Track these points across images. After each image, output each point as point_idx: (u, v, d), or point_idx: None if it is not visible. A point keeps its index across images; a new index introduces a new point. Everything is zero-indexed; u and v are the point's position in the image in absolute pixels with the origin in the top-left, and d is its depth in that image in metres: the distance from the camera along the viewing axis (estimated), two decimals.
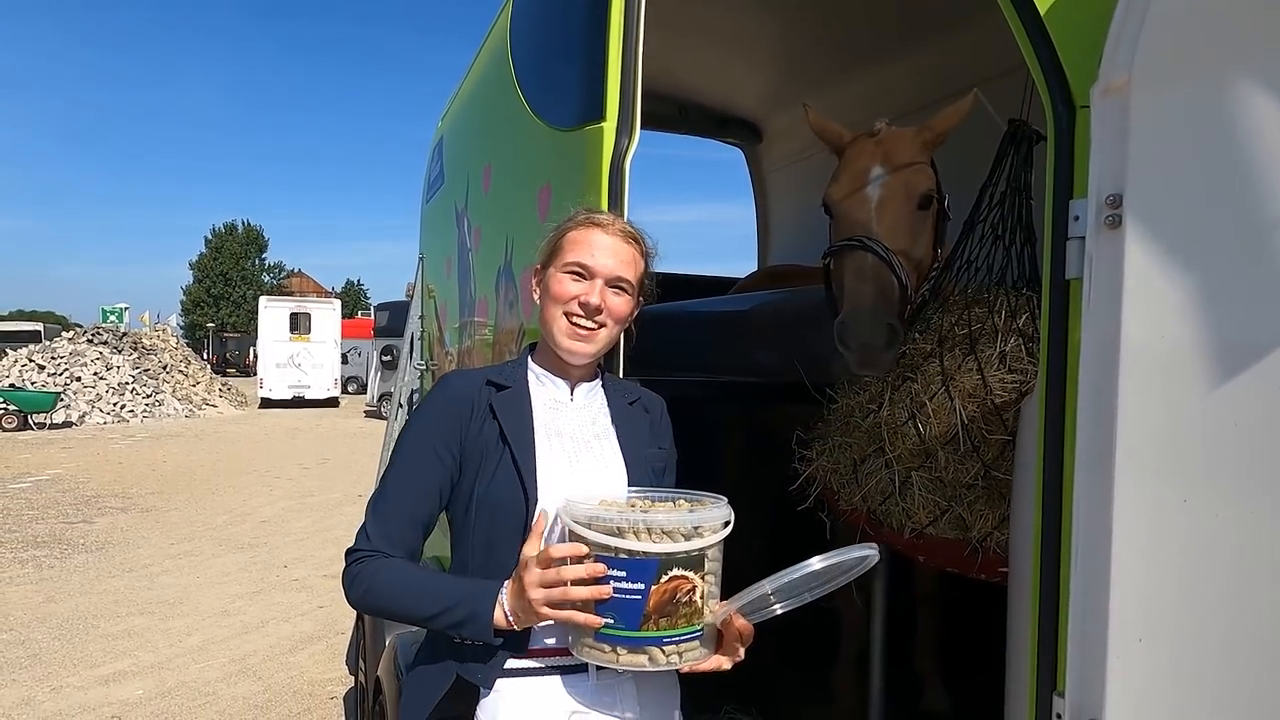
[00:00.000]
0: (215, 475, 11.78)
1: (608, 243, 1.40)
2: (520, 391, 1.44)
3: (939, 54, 3.41)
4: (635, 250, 1.44)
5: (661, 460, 1.50)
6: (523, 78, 2.54)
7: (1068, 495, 1.17)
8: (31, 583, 6.32)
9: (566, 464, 1.39)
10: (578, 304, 1.38)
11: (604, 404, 1.50)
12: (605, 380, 1.55)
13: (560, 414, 1.45)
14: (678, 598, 1.18)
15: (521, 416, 1.41)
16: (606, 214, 1.49)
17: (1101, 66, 1.06)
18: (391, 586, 1.31)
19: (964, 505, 1.91)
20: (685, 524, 1.19)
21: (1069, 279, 1.16)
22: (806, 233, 4.61)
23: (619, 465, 1.42)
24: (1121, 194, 1.04)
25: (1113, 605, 1.03)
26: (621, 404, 1.51)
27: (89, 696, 4.30)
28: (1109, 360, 1.05)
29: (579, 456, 1.41)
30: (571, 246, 1.41)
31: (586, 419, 1.47)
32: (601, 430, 1.46)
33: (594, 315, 1.38)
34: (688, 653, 1.23)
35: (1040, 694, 1.19)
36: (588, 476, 1.39)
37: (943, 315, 2.08)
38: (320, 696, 4.35)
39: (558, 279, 1.41)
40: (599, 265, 1.39)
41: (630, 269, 1.42)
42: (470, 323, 3.13)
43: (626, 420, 1.49)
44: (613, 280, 1.40)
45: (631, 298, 1.44)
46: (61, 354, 20.12)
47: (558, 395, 1.47)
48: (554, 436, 1.41)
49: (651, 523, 1.18)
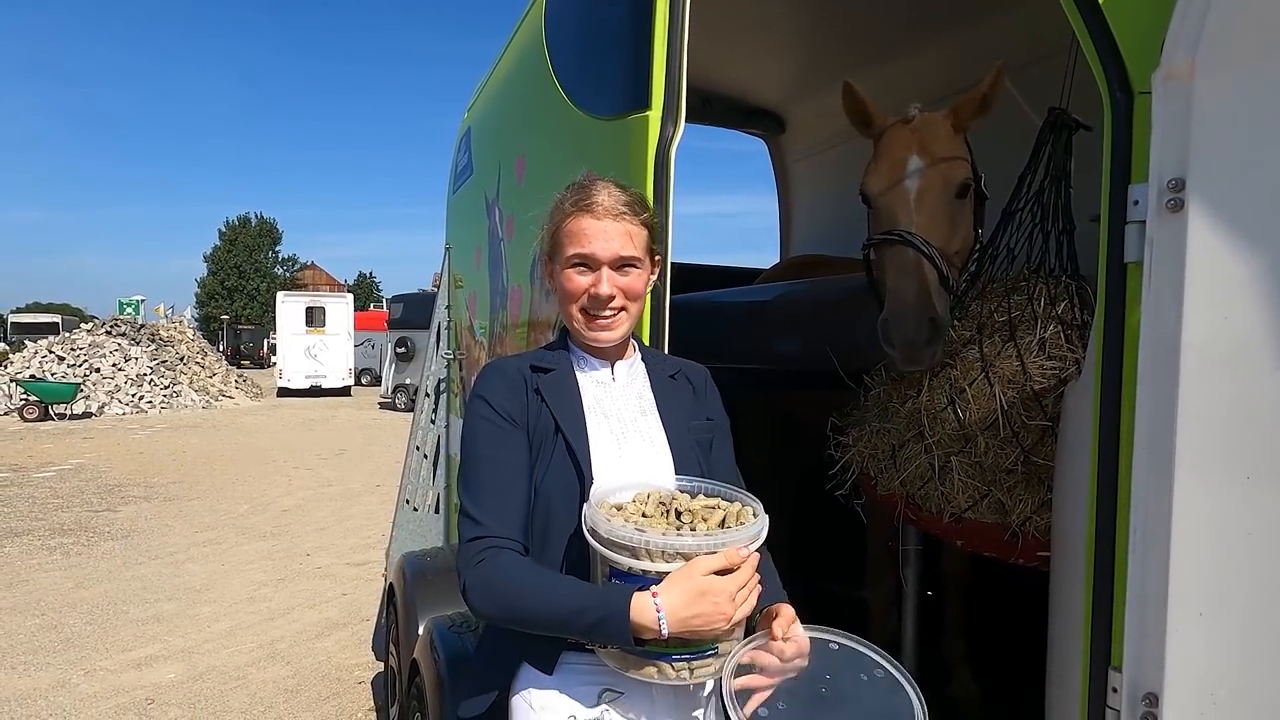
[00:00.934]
0: (235, 465, 11.89)
1: (601, 227, 1.38)
2: (565, 374, 1.45)
3: (967, 41, 3.41)
4: (630, 224, 1.40)
5: (709, 431, 1.49)
6: (559, 67, 2.56)
7: (1124, 478, 1.19)
8: (60, 569, 6.42)
9: (614, 445, 1.39)
10: (589, 298, 1.40)
11: (646, 380, 1.50)
12: (645, 354, 1.55)
13: (607, 393, 1.45)
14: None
15: (571, 400, 1.41)
16: (593, 191, 1.41)
17: (1164, 51, 1.07)
18: (520, 586, 1.26)
19: (1003, 490, 1.93)
20: (705, 547, 1.18)
21: (1127, 263, 1.18)
22: (830, 223, 4.62)
23: (664, 443, 1.42)
24: (1184, 178, 1.05)
25: (1173, 580, 1.05)
26: (663, 377, 1.51)
27: (122, 679, 4.38)
28: (1170, 345, 1.06)
29: (626, 436, 1.41)
30: (569, 239, 1.40)
31: (632, 395, 1.47)
32: (647, 406, 1.46)
33: (608, 303, 1.40)
34: (700, 669, 1.23)
35: (1094, 669, 1.21)
36: (636, 457, 1.39)
37: (982, 302, 2.10)
38: (348, 681, 4.41)
39: (565, 275, 1.41)
40: (599, 252, 1.38)
41: (631, 243, 1.40)
42: (503, 312, 3.16)
43: (668, 394, 1.49)
44: (616, 262, 1.39)
45: (642, 269, 1.43)
46: (81, 345, 20.31)
47: (600, 376, 1.47)
48: (602, 418, 1.42)
49: (668, 546, 1.18)
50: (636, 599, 1.16)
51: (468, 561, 1.29)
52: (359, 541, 7.43)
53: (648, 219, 1.45)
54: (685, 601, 1.16)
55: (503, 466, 1.35)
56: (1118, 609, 1.17)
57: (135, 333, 21.84)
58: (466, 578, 1.28)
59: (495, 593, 1.26)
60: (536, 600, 1.24)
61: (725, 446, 1.52)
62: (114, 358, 20.24)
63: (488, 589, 1.27)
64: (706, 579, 1.17)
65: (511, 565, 1.28)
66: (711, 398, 1.56)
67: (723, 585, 1.17)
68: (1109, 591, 1.20)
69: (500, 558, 1.28)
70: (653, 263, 1.48)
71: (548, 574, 1.30)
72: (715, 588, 1.16)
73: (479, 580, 1.27)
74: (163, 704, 4.08)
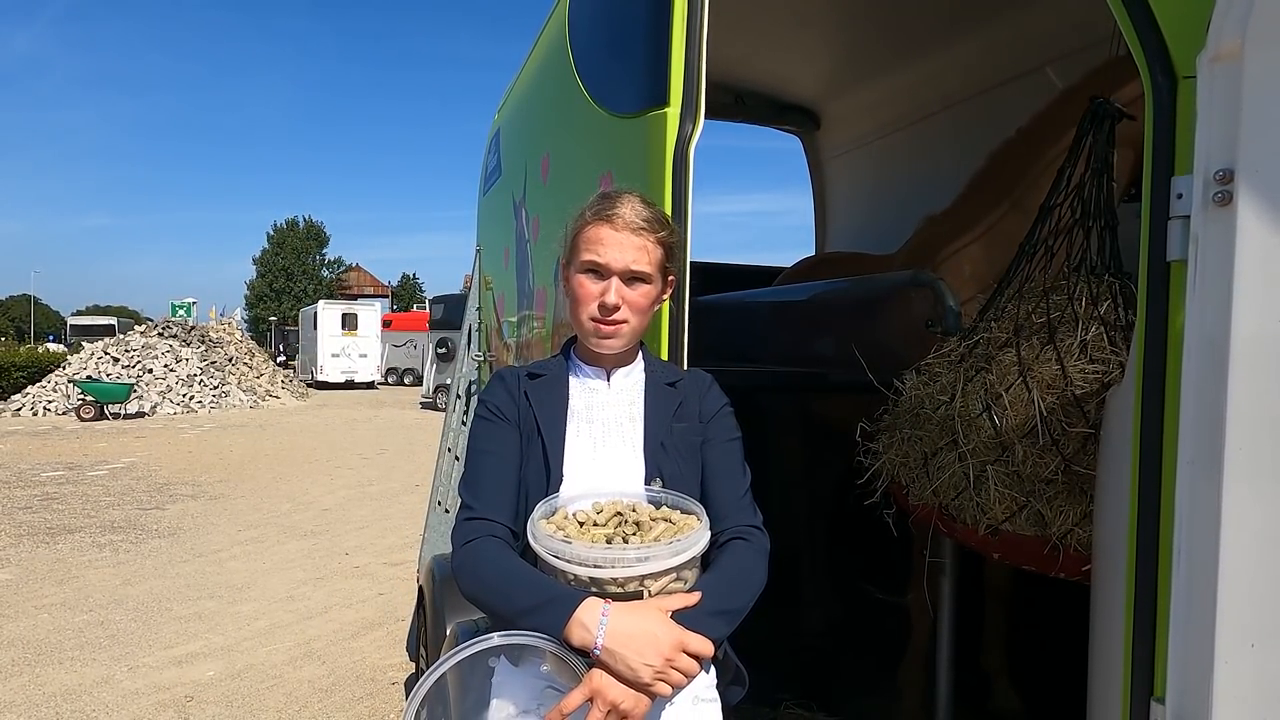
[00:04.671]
0: (279, 464, 12.12)
1: (618, 238, 1.42)
2: (555, 380, 1.50)
3: (1011, 30, 3.29)
4: (648, 239, 1.44)
5: (697, 434, 1.48)
6: (582, 65, 2.52)
7: (1167, 491, 1.10)
8: (110, 566, 6.59)
9: (591, 449, 1.44)
10: (597, 305, 1.43)
11: (642, 387, 1.52)
12: (649, 363, 1.56)
13: (596, 399, 1.49)
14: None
15: (555, 402, 1.47)
16: (616, 203, 1.45)
17: (1210, 32, 0.98)
18: (490, 570, 1.30)
19: (1043, 501, 1.83)
20: (623, 562, 1.21)
21: (1170, 261, 1.09)
22: (866, 219, 4.52)
23: (641, 447, 1.45)
24: (1233, 169, 0.97)
25: (1221, 607, 0.97)
26: (659, 385, 1.52)
27: (163, 676, 4.46)
28: (1218, 348, 0.98)
29: (606, 441, 1.45)
30: (586, 245, 1.44)
31: (624, 402, 1.50)
32: (636, 413, 1.49)
33: (614, 313, 1.43)
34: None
35: (1135, 700, 1.13)
36: (610, 461, 1.43)
37: (1019, 303, 2.00)
38: (382, 681, 4.43)
39: (578, 280, 1.45)
40: (611, 262, 1.42)
41: (644, 258, 1.43)
42: (528, 314, 3.13)
43: (659, 400, 1.50)
44: (626, 275, 1.42)
45: (652, 286, 1.46)
46: (134, 347, 20.92)
47: (594, 384, 1.51)
48: (584, 423, 1.46)
49: (588, 559, 1.22)
50: (588, 602, 1.20)
51: (458, 542, 1.35)
52: (397, 541, 7.50)
53: (665, 238, 1.47)
54: (631, 629, 1.18)
55: (493, 457, 1.42)
56: (1160, 635, 1.08)
57: (186, 334, 22.44)
58: (454, 558, 1.35)
59: (475, 574, 1.31)
60: (503, 579, 1.28)
61: (727, 450, 1.49)
62: (166, 359, 20.81)
63: (470, 569, 1.32)
64: (660, 620, 1.20)
65: (495, 551, 1.33)
66: (710, 403, 1.53)
67: (666, 637, 1.18)
68: (1151, 616, 1.11)
69: (486, 543, 1.33)
70: (665, 282, 1.51)
71: (521, 565, 1.33)
72: (656, 652, 1.17)
73: (462, 561, 1.33)
74: (201, 701, 4.14)
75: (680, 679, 1.20)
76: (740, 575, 1.33)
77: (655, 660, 1.17)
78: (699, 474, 1.45)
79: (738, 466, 1.47)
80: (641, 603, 1.22)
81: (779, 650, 2.82)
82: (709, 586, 1.29)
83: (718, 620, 1.26)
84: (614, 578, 1.21)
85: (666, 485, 1.40)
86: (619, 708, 1.16)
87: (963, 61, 3.57)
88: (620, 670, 1.17)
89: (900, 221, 3.36)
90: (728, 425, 1.51)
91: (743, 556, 1.35)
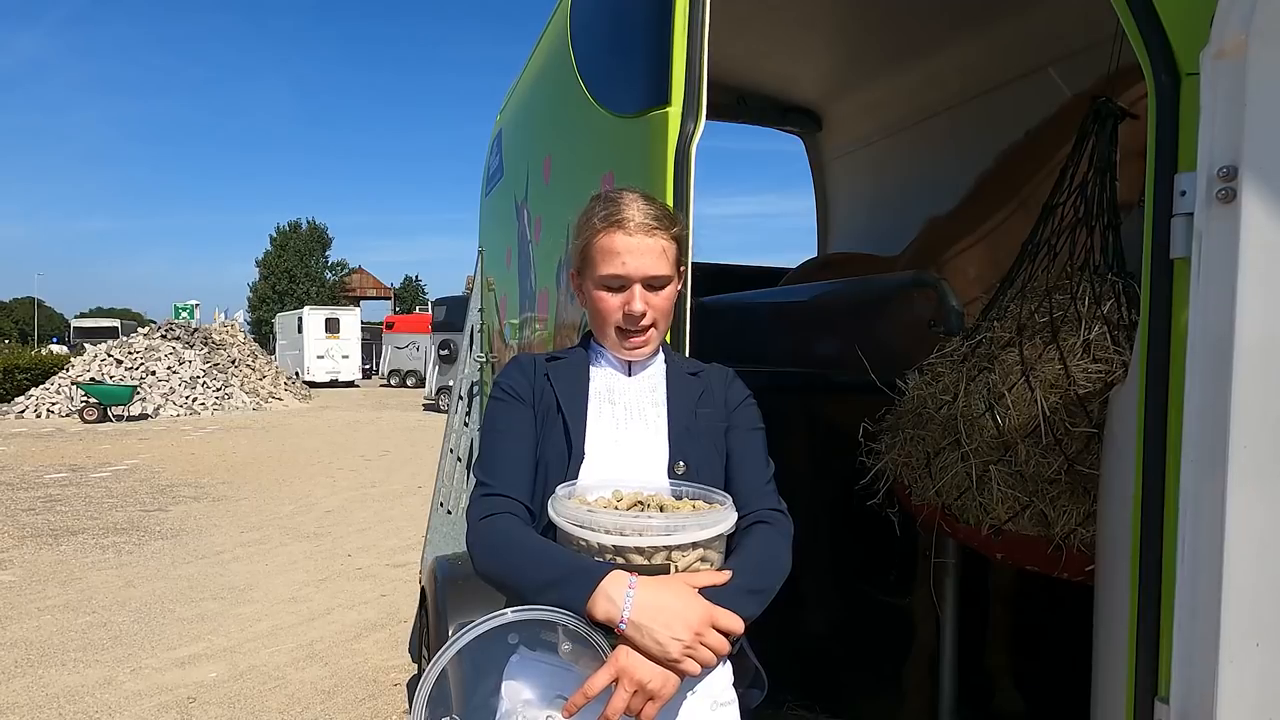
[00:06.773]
0: (281, 466, 12.12)
1: (633, 244, 1.39)
2: (577, 363, 1.49)
3: (1013, 31, 3.28)
4: (661, 238, 1.42)
5: (721, 419, 1.47)
6: (584, 65, 2.52)
7: (1171, 491, 1.09)
8: (112, 567, 6.59)
9: (613, 428, 1.41)
10: (623, 316, 1.41)
11: (663, 376, 1.51)
12: (669, 356, 1.54)
13: (618, 383, 1.48)
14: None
15: (576, 383, 1.45)
16: (622, 205, 1.42)
17: (1213, 28, 0.98)
18: (508, 544, 1.26)
19: (1046, 501, 1.82)
20: (650, 530, 1.17)
21: (1174, 258, 1.09)
22: (868, 220, 4.51)
23: (665, 429, 1.42)
24: (1236, 166, 0.96)
25: (1225, 607, 0.96)
26: (681, 374, 1.51)
27: (166, 678, 4.46)
28: (1222, 346, 0.97)
29: (629, 422, 1.43)
30: (602, 257, 1.41)
31: (646, 388, 1.48)
32: (659, 399, 1.47)
33: (640, 320, 1.41)
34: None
35: (1139, 700, 1.12)
36: (633, 442, 1.40)
37: (1022, 302, 2.00)
38: (384, 683, 4.43)
39: (599, 295, 1.43)
40: (631, 271, 1.40)
41: (661, 260, 1.41)
42: (531, 315, 3.13)
43: (682, 388, 1.48)
44: (647, 281, 1.41)
45: (670, 284, 1.46)
46: (137, 349, 20.94)
47: (615, 371, 1.50)
48: (606, 404, 1.44)
49: (614, 527, 1.18)
50: (614, 573, 1.14)
51: (474, 518, 1.32)
52: (399, 543, 7.49)
53: (677, 232, 1.46)
54: (659, 601, 1.12)
55: (508, 435, 1.40)
56: (1164, 635, 1.08)
57: (189, 336, 22.45)
58: (469, 534, 1.31)
59: (492, 548, 1.27)
60: (522, 554, 1.24)
61: (752, 438, 1.47)
62: (169, 361, 20.82)
63: (486, 544, 1.28)
64: (689, 594, 1.15)
65: (513, 525, 1.29)
66: (735, 392, 1.52)
67: (696, 610, 1.13)
68: (1155, 616, 1.11)
69: (503, 519, 1.30)
70: (679, 275, 1.50)
71: (541, 539, 1.29)
72: (687, 625, 1.12)
73: (478, 536, 1.29)
74: (203, 703, 4.14)
75: (710, 657, 1.14)
76: (768, 557, 1.30)
77: (684, 634, 1.11)
78: (723, 462, 1.42)
79: (762, 455, 1.46)
80: (669, 576, 1.16)
81: (782, 651, 2.82)
82: (737, 565, 1.25)
83: (747, 598, 1.21)
84: (640, 546, 1.16)
85: (691, 471, 1.37)
86: (646, 687, 1.10)
87: (965, 62, 3.57)
88: (647, 645, 1.11)
89: (902, 222, 3.36)
90: (752, 415, 1.50)
91: (769, 539, 1.32)
